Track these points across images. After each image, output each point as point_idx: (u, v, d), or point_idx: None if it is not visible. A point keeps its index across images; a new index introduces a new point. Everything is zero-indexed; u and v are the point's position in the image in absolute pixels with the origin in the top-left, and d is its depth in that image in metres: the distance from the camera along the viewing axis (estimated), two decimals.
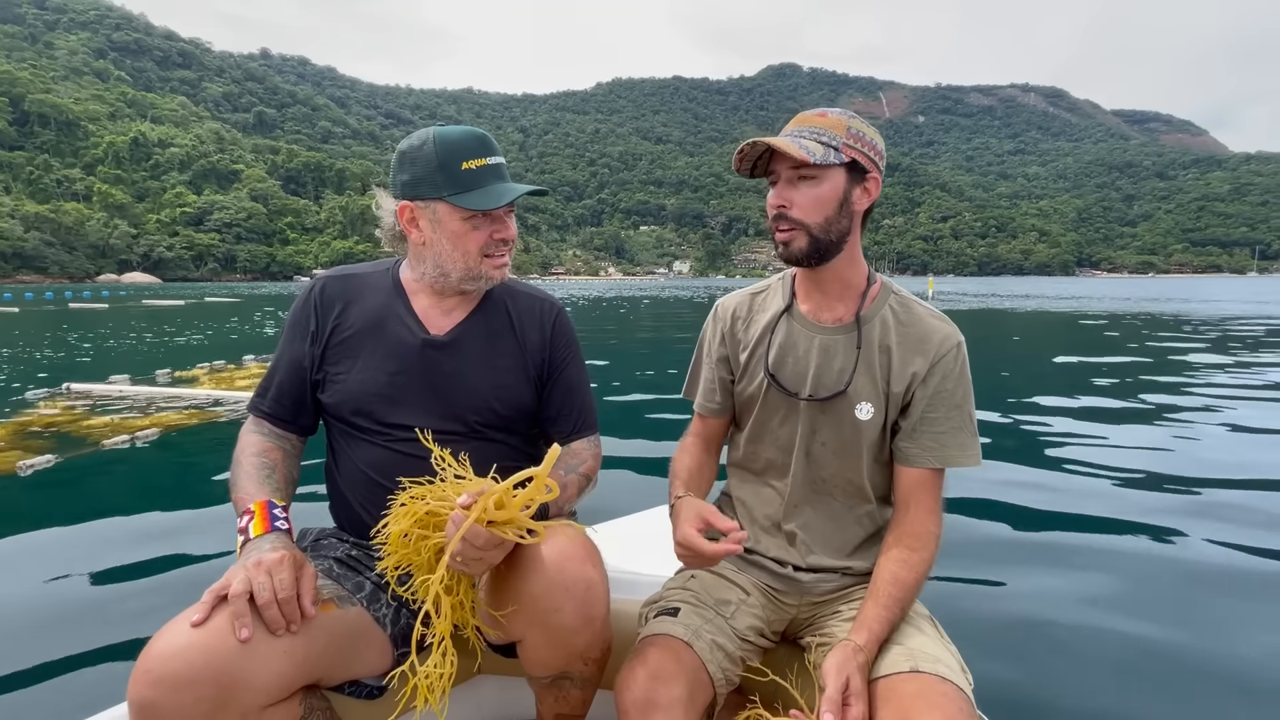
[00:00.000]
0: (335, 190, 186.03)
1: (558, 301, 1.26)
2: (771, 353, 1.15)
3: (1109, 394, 6.37)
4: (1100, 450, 4.32)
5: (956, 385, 1.05)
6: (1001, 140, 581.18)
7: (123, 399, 6.00)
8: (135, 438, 4.55)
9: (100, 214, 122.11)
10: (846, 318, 1.11)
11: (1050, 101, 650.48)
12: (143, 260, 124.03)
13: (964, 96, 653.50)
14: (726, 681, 1.01)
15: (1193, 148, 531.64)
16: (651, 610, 1.10)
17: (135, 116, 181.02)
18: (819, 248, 1.04)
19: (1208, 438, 4.66)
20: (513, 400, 1.16)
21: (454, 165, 1.06)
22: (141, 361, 8.93)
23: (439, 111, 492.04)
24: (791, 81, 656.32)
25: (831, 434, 1.11)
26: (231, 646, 0.80)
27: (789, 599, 1.14)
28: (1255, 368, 8.11)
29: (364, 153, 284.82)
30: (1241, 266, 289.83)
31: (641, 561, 1.41)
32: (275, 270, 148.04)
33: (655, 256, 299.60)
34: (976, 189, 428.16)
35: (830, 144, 1.00)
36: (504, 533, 0.85)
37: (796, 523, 1.15)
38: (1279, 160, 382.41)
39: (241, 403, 5.85)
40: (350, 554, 1.10)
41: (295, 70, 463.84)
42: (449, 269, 1.11)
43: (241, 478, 1.05)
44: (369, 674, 1.03)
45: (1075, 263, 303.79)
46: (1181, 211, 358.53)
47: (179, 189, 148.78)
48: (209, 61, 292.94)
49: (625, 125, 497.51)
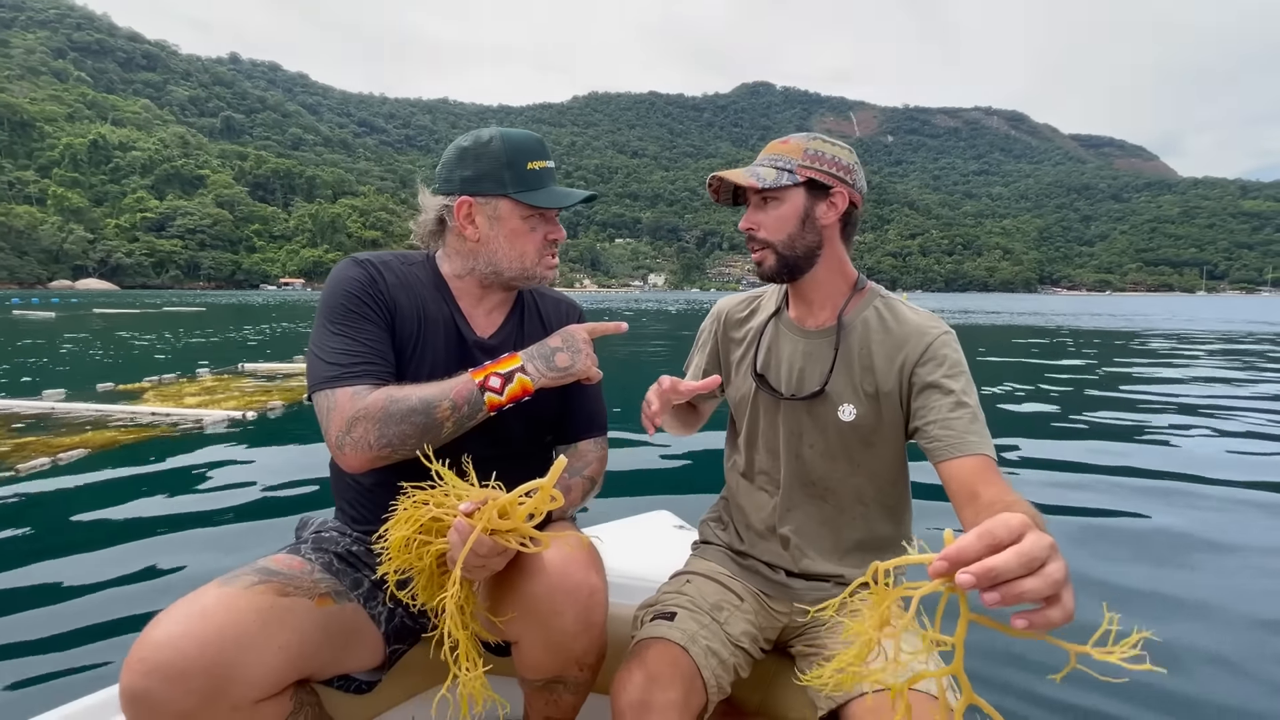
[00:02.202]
0: (305, 198, 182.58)
1: (579, 304, 1.29)
2: (760, 355, 1.19)
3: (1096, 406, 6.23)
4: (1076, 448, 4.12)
5: (952, 373, 1.03)
6: (966, 160, 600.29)
7: (53, 416, 5.40)
8: (58, 459, 4.01)
9: (55, 218, 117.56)
10: (829, 322, 1.14)
11: (1012, 124, 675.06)
12: (99, 266, 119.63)
13: (931, 118, 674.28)
14: (719, 689, 1.01)
15: (1145, 172, 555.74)
16: (648, 613, 1.10)
17: (95, 118, 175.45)
18: (787, 264, 1.09)
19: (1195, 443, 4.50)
20: (545, 402, 1.14)
21: (520, 164, 1.06)
22: (85, 375, 8.23)
23: (413, 121, 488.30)
24: (765, 99, 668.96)
25: (818, 436, 1.13)
26: (227, 639, 0.79)
27: (780, 606, 1.15)
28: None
29: (336, 160, 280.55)
30: (1191, 285, 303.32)
31: (630, 566, 1.41)
32: (241, 278, 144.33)
33: (631, 269, 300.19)
34: (943, 207, 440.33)
35: (784, 168, 1.06)
36: (508, 541, 0.85)
37: (790, 526, 1.16)
38: (1224, 185, 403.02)
39: (183, 422, 5.31)
40: (351, 549, 1.09)
41: (265, 76, 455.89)
42: (503, 267, 1.10)
43: (415, 403, 0.97)
44: (360, 669, 1.03)
45: (1038, 280, 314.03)
46: (1135, 232, 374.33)
47: (140, 193, 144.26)
48: (175, 64, 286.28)
49: (602, 139, 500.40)
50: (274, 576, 0.90)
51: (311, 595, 0.92)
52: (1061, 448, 4.79)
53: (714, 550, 1.25)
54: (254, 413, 5.65)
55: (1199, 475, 3.98)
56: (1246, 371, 9.66)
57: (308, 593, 0.92)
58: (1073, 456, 4.48)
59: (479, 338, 1.13)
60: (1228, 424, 5.67)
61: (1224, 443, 4.97)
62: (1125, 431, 5.33)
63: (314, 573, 0.97)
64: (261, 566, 0.93)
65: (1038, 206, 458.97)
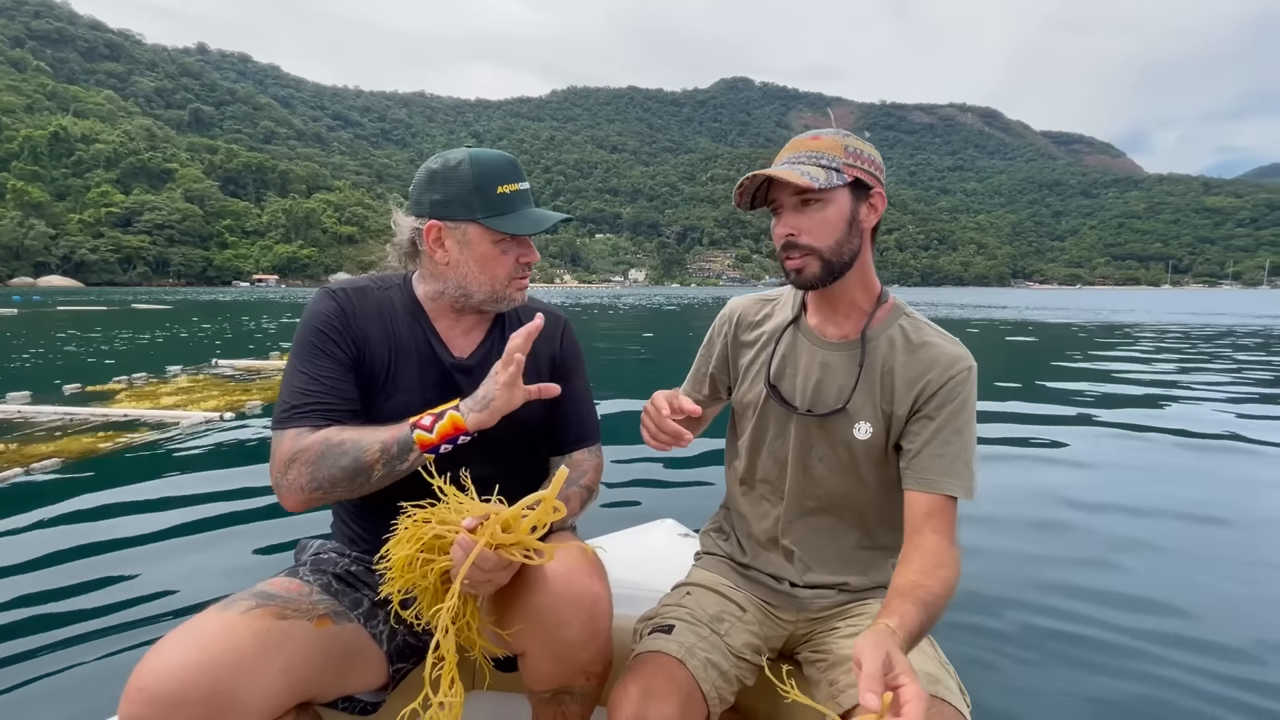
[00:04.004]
0: (278, 193, 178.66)
1: (564, 314, 1.27)
2: (774, 363, 1.14)
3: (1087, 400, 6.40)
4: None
5: (960, 410, 1.02)
6: (942, 157, 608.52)
7: (21, 421, 5.24)
8: (32, 468, 3.90)
9: (14, 213, 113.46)
10: (852, 334, 1.09)
11: (986, 121, 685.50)
12: (63, 263, 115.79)
13: (907, 114, 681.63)
14: (720, 700, 1.00)
15: (1113, 168, 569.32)
16: (646, 627, 1.09)
17: (56, 110, 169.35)
18: (832, 270, 1.03)
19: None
20: (532, 418, 1.13)
21: (489, 188, 1.05)
22: (52, 376, 7.99)
23: (389, 114, 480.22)
24: (744, 95, 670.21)
25: (828, 451, 1.10)
26: (225, 665, 0.79)
27: (786, 614, 1.13)
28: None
29: (309, 155, 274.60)
30: (1156, 280, 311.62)
31: (634, 576, 1.41)
32: (212, 275, 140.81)
33: (611, 265, 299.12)
34: (919, 203, 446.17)
35: (831, 166, 0.99)
36: (512, 555, 0.85)
37: (793, 539, 1.14)
38: (1187, 182, 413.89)
39: (164, 422, 5.19)
40: (350, 569, 1.08)
41: (235, 67, 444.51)
42: (472, 290, 1.09)
43: (348, 446, 0.96)
44: (364, 689, 1.03)
45: (1011, 274, 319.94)
46: (1104, 228, 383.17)
47: (105, 187, 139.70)
48: (140, 55, 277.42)
49: (581, 133, 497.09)
50: (271, 600, 0.90)
51: (310, 617, 0.92)
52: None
53: (715, 561, 1.23)
54: (232, 413, 5.55)
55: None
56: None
57: (306, 614, 0.92)
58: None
59: (457, 359, 1.12)
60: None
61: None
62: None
63: (312, 594, 0.97)
64: (259, 590, 0.92)
65: (1011, 202, 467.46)
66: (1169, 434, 5.13)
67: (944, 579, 0.91)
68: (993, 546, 2.89)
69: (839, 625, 1.08)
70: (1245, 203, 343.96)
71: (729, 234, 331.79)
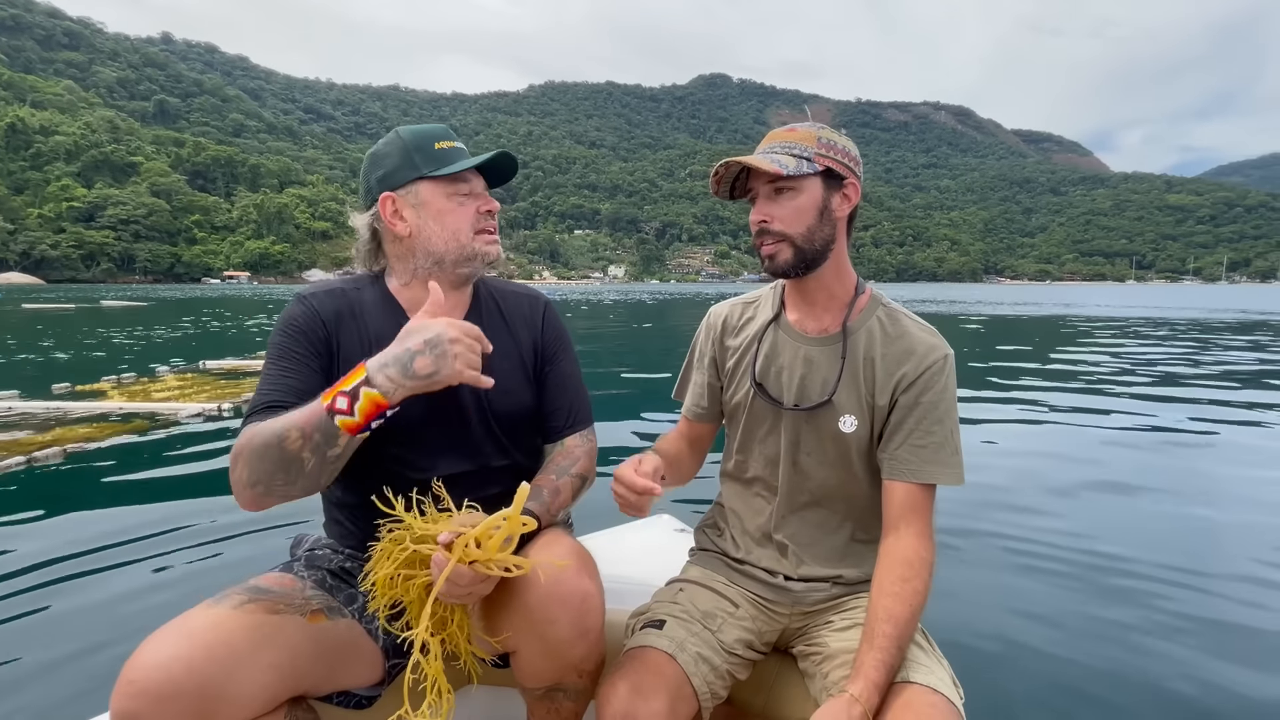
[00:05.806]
0: (249, 187, 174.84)
1: (544, 295, 1.25)
2: (758, 362, 1.16)
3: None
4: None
5: (940, 399, 1.04)
6: (916, 154, 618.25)
7: (12, 415, 5.18)
8: (33, 459, 3.90)
9: None
10: (833, 328, 1.11)
11: (959, 119, 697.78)
12: (22, 259, 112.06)
13: (882, 112, 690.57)
14: (712, 695, 1.00)
15: (1080, 166, 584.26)
16: (638, 622, 1.09)
17: (12, 100, 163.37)
18: (804, 258, 1.05)
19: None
20: (517, 404, 1.13)
21: (428, 146, 1.06)
22: (36, 374, 7.85)
23: (363, 108, 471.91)
24: (722, 91, 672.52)
25: (816, 445, 1.11)
26: (216, 659, 0.79)
27: (780, 608, 1.14)
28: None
29: (281, 148, 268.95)
30: (1122, 275, 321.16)
31: (632, 571, 1.41)
32: (180, 271, 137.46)
33: (590, 261, 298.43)
34: (894, 199, 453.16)
35: (802, 155, 1.02)
36: (488, 569, 0.85)
37: (786, 533, 1.15)
38: (1151, 180, 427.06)
39: (159, 415, 5.18)
40: (344, 565, 1.08)
41: (202, 58, 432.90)
42: (442, 252, 1.07)
43: (268, 434, 0.90)
44: (359, 685, 1.02)
45: (983, 270, 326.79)
46: (1072, 225, 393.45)
47: (65, 181, 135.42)
48: (101, 44, 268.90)
49: (559, 129, 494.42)
50: (264, 594, 0.90)
51: (303, 612, 0.91)
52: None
53: (709, 557, 1.24)
54: (229, 404, 5.56)
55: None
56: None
57: (299, 610, 0.91)
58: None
59: None
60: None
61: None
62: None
63: (306, 589, 0.96)
64: (251, 585, 0.92)
65: (983, 199, 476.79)
66: (1170, 421, 5.41)
67: (914, 594, 0.95)
68: (986, 533, 2.93)
69: (833, 619, 1.09)
70: (1205, 200, 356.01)
71: (708, 230, 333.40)
